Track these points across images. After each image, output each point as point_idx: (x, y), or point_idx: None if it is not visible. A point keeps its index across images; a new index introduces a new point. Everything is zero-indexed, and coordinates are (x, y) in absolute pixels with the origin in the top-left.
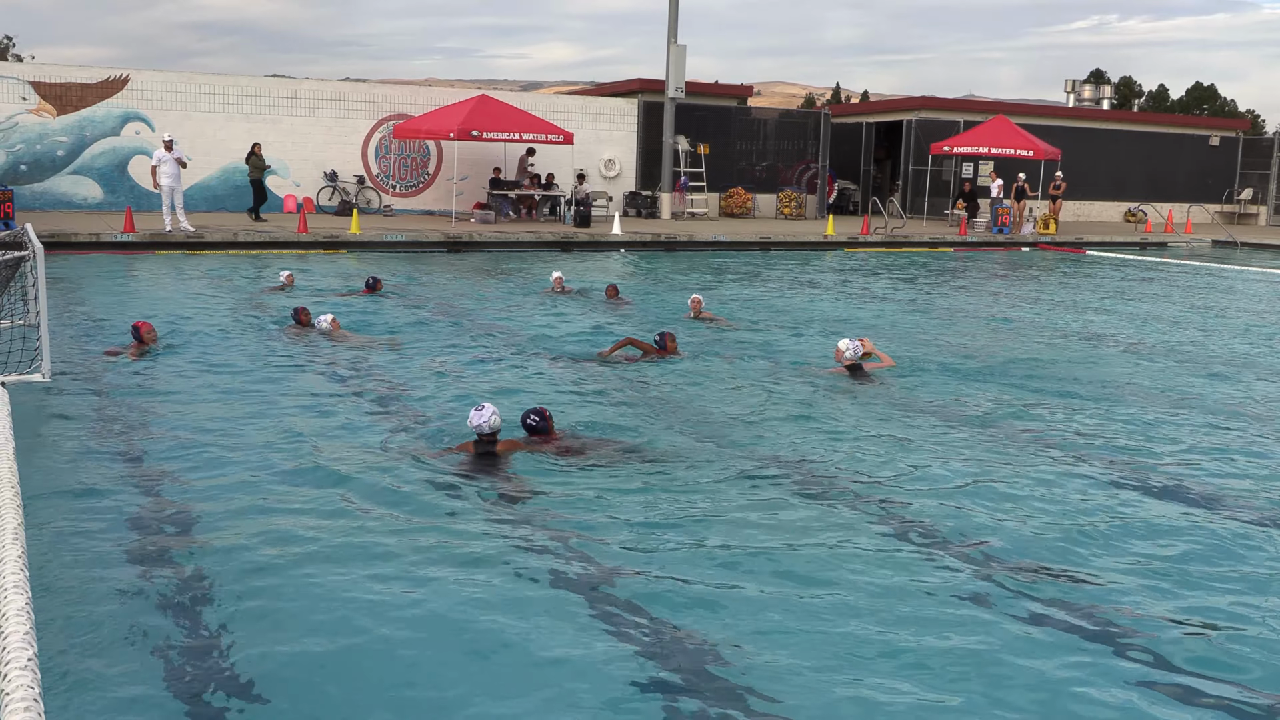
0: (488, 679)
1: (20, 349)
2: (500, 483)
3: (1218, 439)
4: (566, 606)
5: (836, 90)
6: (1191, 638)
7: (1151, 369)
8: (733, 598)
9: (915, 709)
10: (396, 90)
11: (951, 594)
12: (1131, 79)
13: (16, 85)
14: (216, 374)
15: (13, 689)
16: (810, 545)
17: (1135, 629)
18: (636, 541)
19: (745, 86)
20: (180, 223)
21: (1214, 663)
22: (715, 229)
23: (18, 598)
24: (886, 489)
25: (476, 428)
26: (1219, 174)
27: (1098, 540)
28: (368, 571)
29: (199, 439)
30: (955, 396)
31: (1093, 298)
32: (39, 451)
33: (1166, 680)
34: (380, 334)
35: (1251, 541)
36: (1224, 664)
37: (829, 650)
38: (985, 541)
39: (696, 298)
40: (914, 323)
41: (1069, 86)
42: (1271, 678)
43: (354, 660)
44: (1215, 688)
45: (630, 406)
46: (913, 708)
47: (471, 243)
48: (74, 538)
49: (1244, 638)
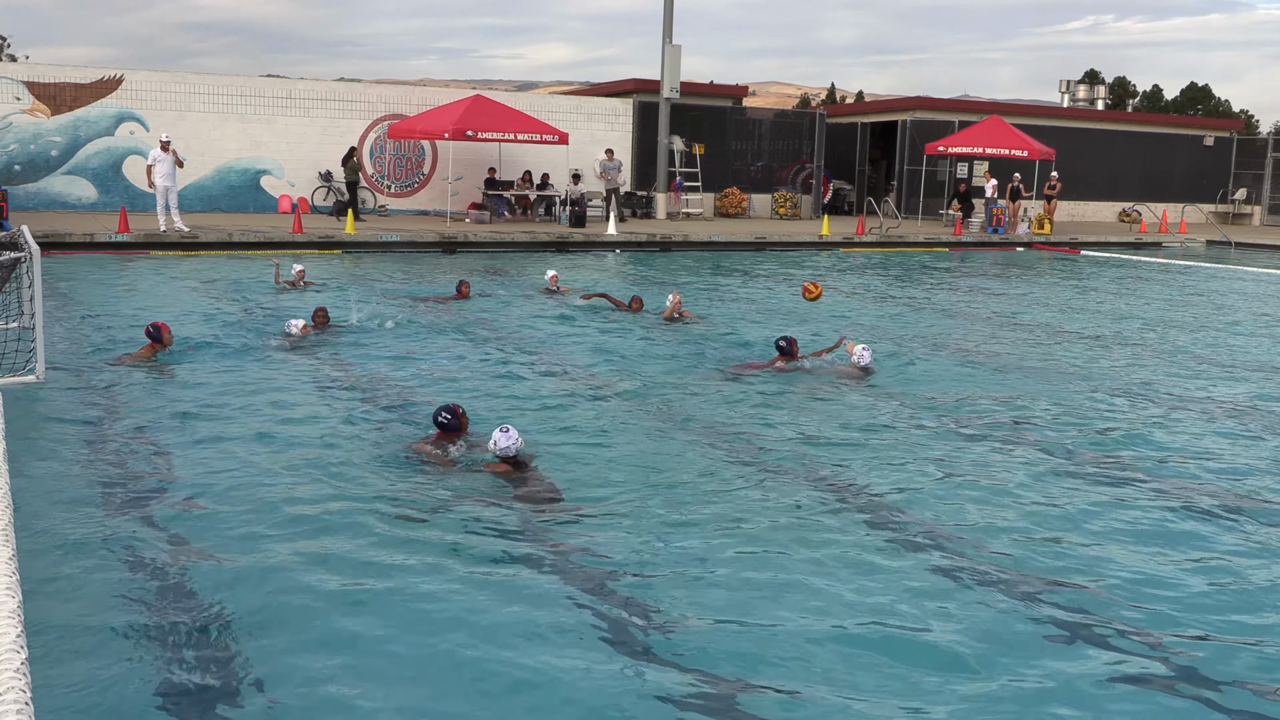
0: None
1: (15, 350)
2: (530, 494)
3: (1218, 438)
4: (580, 617)
5: (831, 90)
6: (1201, 642)
7: (1146, 368)
8: (754, 608)
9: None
10: (391, 90)
11: (960, 594)
12: (1126, 79)
13: (10, 85)
14: (217, 375)
15: (4, 691)
16: (829, 549)
17: (1137, 628)
18: (649, 549)
19: (740, 87)
20: (175, 223)
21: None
22: (710, 229)
23: (8, 600)
24: (889, 494)
25: (504, 450)
26: (1213, 174)
27: (1101, 540)
28: (373, 573)
29: (200, 441)
30: (952, 396)
31: (1087, 298)
32: (30, 452)
33: (1171, 681)
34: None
35: (1254, 539)
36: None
37: (836, 656)
38: (978, 538)
39: (675, 297)
40: (908, 322)
41: (1064, 87)
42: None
43: (360, 670)
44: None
45: (634, 409)
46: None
47: (466, 243)
48: (66, 539)
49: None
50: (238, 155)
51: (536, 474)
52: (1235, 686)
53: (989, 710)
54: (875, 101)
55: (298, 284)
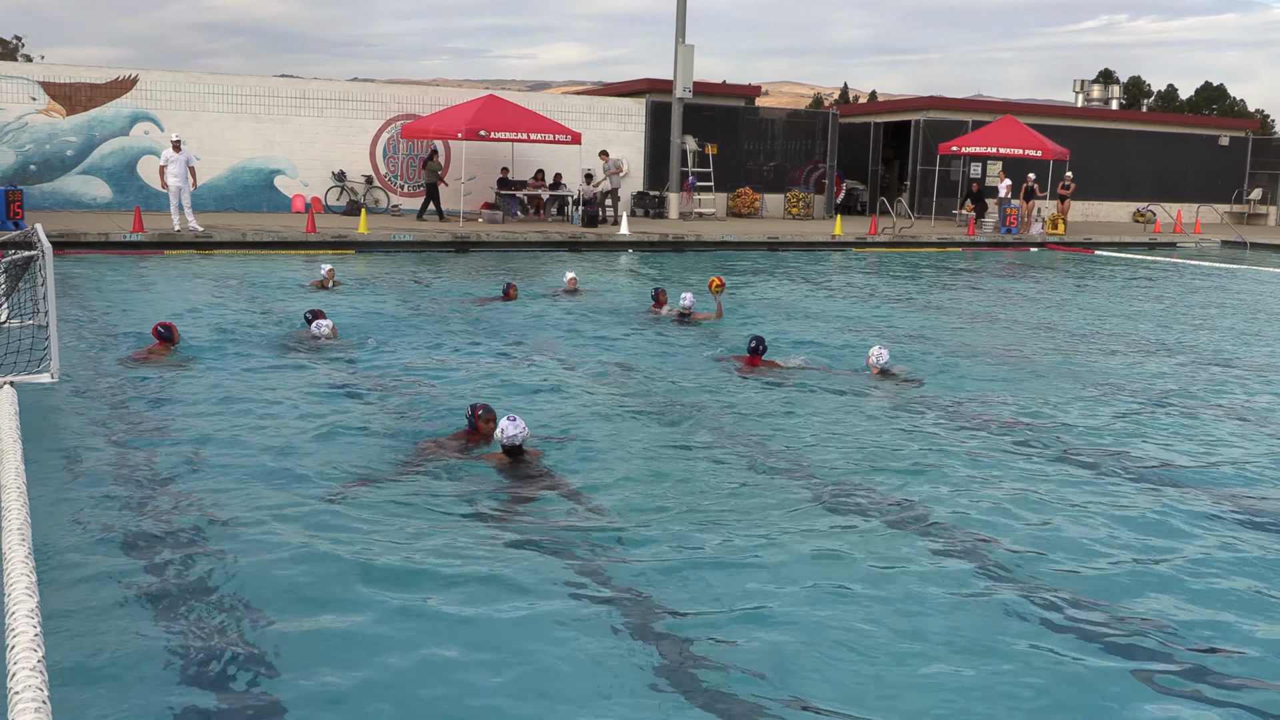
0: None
1: (29, 349)
2: (529, 488)
3: (1238, 442)
4: (594, 610)
5: (844, 90)
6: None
7: (1166, 369)
8: (772, 610)
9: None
10: (404, 90)
11: (972, 596)
12: (1140, 79)
13: (26, 85)
14: (232, 375)
15: (21, 689)
16: (853, 557)
17: (1151, 630)
18: (663, 542)
19: (753, 86)
20: (189, 222)
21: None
22: (723, 229)
23: (26, 600)
24: (909, 496)
25: (511, 439)
26: (1228, 174)
27: (1124, 543)
28: (378, 575)
29: (215, 440)
30: (968, 397)
31: (1102, 298)
32: (45, 452)
33: (1177, 681)
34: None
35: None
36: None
37: (860, 663)
38: (998, 541)
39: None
40: (922, 322)
41: (1077, 86)
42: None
43: (376, 669)
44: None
45: (651, 411)
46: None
47: (479, 243)
48: (81, 538)
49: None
50: (251, 155)
51: (540, 468)
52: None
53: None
54: (888, 101)
55: (327, 283)
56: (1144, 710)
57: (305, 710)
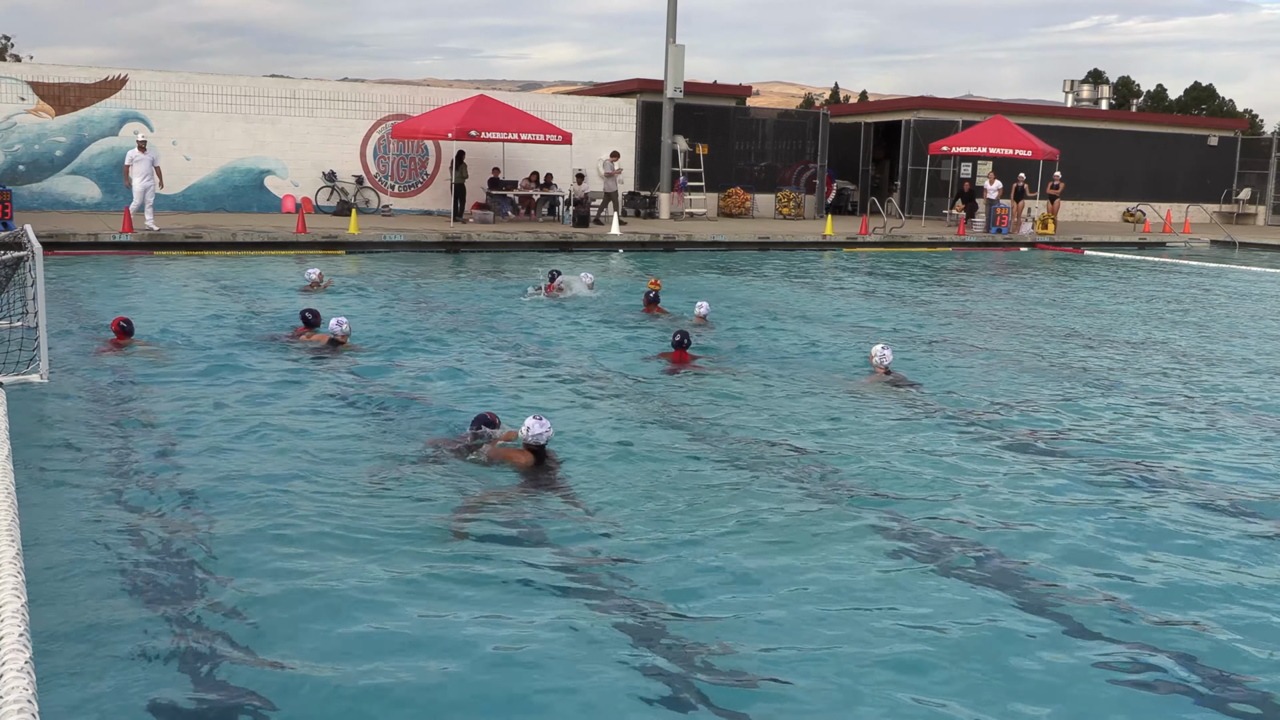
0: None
1: (19, 349)
2: (549, 490)
3: (1226, 439)
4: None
5: (835, 90)
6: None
7: (1152, 368)
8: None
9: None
10: (395, 90)
11: (970, 599)
12: (1130, 79)
13: (15, 85)
14: (222, 374)
15: (7, 691)
16: (862, 559)
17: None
18: (674, 545)
19: (744, 86)
20: (146, 220)
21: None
22: (714, 229)
23: (13, 599)
24: (905, 498)
25: (536, 437)
26: (1217, 174)
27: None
28: (378, 575)
29: (204, 439)
30: (964, 397)
31: (1090, 297)
32: (34, 452)
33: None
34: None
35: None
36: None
37: (857, 664)
38: (992, 546)
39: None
40: (913, 321)
41: (1067, 86)
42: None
43: (377, 670)
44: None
45: (662, 417)
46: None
47: (470, 243)
48: (71, 538)
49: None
50: (241, 155)
51: (558, 473)
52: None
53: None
54: (879, 101)
55: (319, 284)
56: (1144, 710)
57: (305, 710)
